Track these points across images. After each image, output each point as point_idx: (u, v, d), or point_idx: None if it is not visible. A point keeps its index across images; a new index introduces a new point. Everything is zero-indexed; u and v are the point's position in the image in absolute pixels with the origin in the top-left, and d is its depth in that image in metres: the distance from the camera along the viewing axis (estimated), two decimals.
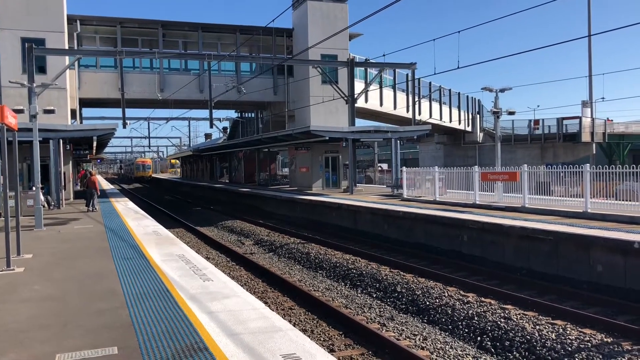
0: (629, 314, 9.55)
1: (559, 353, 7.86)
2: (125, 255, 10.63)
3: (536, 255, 13.05)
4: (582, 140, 45.33)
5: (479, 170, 19.20)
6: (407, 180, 23.10)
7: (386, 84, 38.14)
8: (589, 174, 14.69)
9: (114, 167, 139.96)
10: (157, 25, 33.55)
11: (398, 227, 18.59)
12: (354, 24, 16.41)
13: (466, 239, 15.43)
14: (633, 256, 10.71)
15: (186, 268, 9.16)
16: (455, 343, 8.70)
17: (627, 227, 12.43)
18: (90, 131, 25.29)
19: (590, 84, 49.08)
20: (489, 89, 23.85)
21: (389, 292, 11.79)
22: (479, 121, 51.02)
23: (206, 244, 20.12)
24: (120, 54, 26.65)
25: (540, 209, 16.02)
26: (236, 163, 48.66)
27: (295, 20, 35.47)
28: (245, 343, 5.13)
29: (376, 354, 8.02)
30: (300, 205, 26.41)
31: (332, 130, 27.35)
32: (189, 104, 38.69)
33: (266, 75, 34.62)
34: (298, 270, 14.91)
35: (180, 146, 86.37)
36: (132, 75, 32.14)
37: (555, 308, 9.71)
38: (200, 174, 64.25)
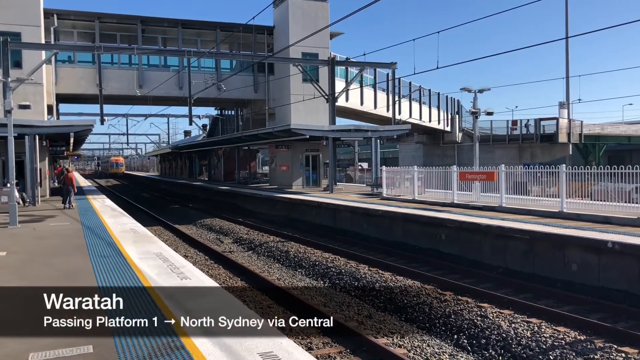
0: (601, 312, 9.74)
1: (533, 351, 7.98)
2: (102, 253, 10.52)
3: (513, 254, 13.22)
4: (559, 141, 46.00)
5: (457, 169, 19.37)
6: (386, 179, 23.21)
7: (367, 83, 38.23)
8: (565, 175, 14.92)
9: (92, 164, 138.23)
10: (136, 21, 33.14)
11: (377, 226, 18.67)
12: (334, 22, 16.47)
13: (444, 238, 15.57)
14: (606, 255, 10.92)
15: (164, 266, 9.10)
16: (432, 341, 8.79)
17: (602, 227, 12.66)
18: (67, 127, 24.91)
19: (567, 86, 49.77)
20: (467, 90, 24.10)
21: (368, 290, 11.84)
22: (458, 121, 51.42)
23: (184, 242, 19.99)
24: (99, 49, 26.30)
25: (517, 208, 16.22)
26: (216, 161, 48.36)
27: (276, 17, 35.36)
28: (222, 341, 5.12)
29: (354, 352, 8.06)
30: (280, 204, 26.36)
31: (313, 129, 27.35)
32: (168, 101, 38.31)
33: (246, 72, 34.45)
34: (277, 269, 14.90)
35: (159, 143, 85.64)
36: (110, 71, 31.70)
37: (530, 306, 9.85)
38: (179, 172, 63.76)
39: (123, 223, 16.05)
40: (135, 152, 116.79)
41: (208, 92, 31.94)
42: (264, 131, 29.78)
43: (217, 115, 48.74)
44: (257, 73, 35.25)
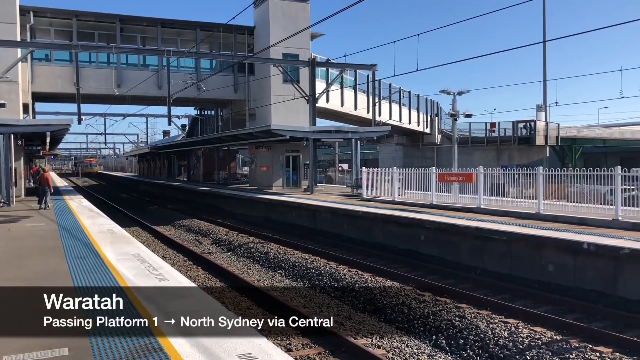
0: (577, 312, 9.89)
1: (510, 351, 8.07)
2: (78, 254, 10.37)
3: (490, 255, 13.35)
4: (537, 143, 46.63)
5: (437, 171, 19.51)
6: (366, 180, 23.28)
7: (347, 85, 38.32)
8: (542, 176, 15.12)
9: (69, 164, 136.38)
10: (115, 20, 32.78)
11: (357, 227, 18.71)
12: (315, 23, 16.47)
13: (423, 239, 15.66)
14: (582, 256, 11.08)
15: (142, 267, 9.00)
16: (411, 341, 8.83)
17: (578, 228, 12.85)
18: (44, 126, 24.52)
19: (545, 89, 50.46)
20: (447, 92, 24.31)
21: (347, 291, 11.85)
22: (437, 123, 51.80)
23: (163, 243, 19.80)
24: (76, 47, 25.94)
25: (495, 209, 16.39)
26: (195, 161, 48.05)
27: (256, 18, 35.26)
28: (201, 343, 5.08)
29: (333, 353, 8.07)
30: (259, 205, 26.28)
31: (293, 130, 27.31)
32: (146, 100, 37.95)
33: (226, 72, 34.29)
34: (257, 270, 14.85)
35: (138, 143, 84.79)
36: (88, 69, 31.29)
37: (508, 307, 9.96)
38: (158, 172, 63.20)
39: (100, 224, 15.85)
40: (114, 152, 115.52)
41: (187, 92, 31.72)
42: (244, 132, 29.66)
43: (197, 115, 48.42)
44: (237, 73, 35.11)
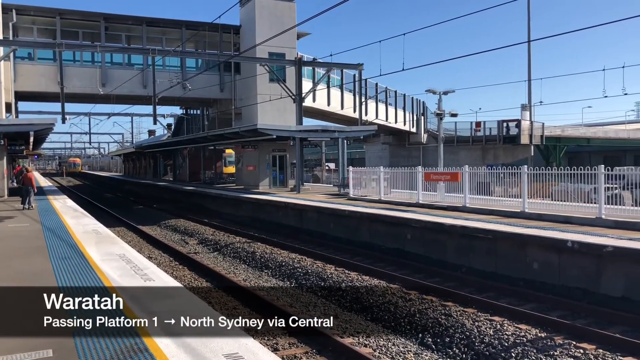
0: (561, 309, 9.98)
1: (496, 348, 8.13)
2: (63, 255, 10.27)
3: (476, 253, 13.44)
4: (521, 143, 46.99)
5: (422, 170, 19.59)
6: (353, 179, 23.31)
7: (334, 84, 38.35)
8: (527, 175, 15.25)
9: (53, 164, 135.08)
10: (99, 18, 32.51)
11: (344, 226, 18.74)
12: (302, 22, 16.48)
13: (410, 238, 15.72)
14: (566, 254, 11.20)
15: (127, 268, 8.94)
16: (397, 340, 8.86)
17: (562, 227, 12.97)
18: (27, 126, 24.24)
19: (530, 88, 50.79)
20: (432, 91, 24.42)
21: (334, 290, 11.86)
22: (423, 122, 52.01)
23: (148, 243, 19.67)
24: (60, 46, 25.68)
25: (481, 208, 16.50)
26: (181, 161, 47.77)
27: (242, 17, 35.16)
28: (187, 343, 5.06)
29: (320, 352, 8.07)
30: (246, 204, 26.21)
31: (280, 129, 27.27)
32: (132, 100, 37.70)
33: (212, 71, 34.16)
34: (243, 270, 14.80)
35: (123, 143, 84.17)
36: (72, 68, 31.00)
37: (493, 304, 10.03)
38: (143, 172, 62.76)
39: (85, 224, 15.71)
40: (98, 152, 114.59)
41: (173, 91, 31.54)
42: (230, 131, 29.55)
43: (182, 114, 48.17)
44: (223, 72, 34.99)
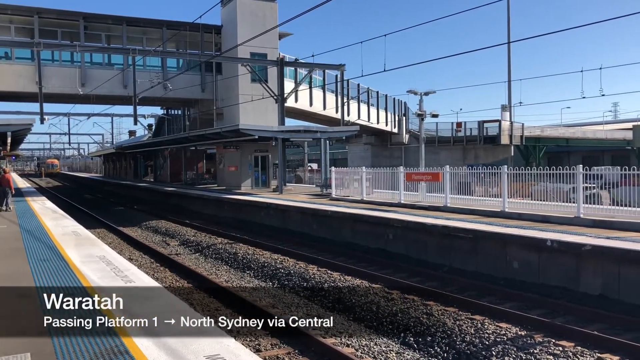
0: (541, 308, 10.10)
1: (477, 347, 8.20)
2: (41, 257, 10.12)
3: (457, 252, 13.54)
4: (502, 143, 47.48)
5: (404, 170, 19.69)
6: (335, 180, 23.34)
7: (316, 85, 38.36)
8: (507, 175, 15.40)
9: (31, 165, 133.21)
10: (79, 17, 32.09)
11: (326, 226, 18.75)
12: (283, 22, 16.45)
13: (391, 237, 15.79)
14: (546, 253, 11.33)
15: (107, 270, 8.84)
16: (379, 339, 8.89)
17: (541, 226, 13.13)
18: (4, 126, 23.81)
19: (510, 89, 51.24)
20: (414, 92, 24.56)
21: (316, 291, 11.87)
22: (404, 123, 52.26)
23: (129, 244, 19.49)
24: (38, 45, 25.37)
25: (462, 208, 16.63)
26: (162, 161, 47.39)
27: (224, 17, 35.00)
28: (168, 345, 5.02)
29: (302, 352, 8.07)
30: (228, 205, 26.10)
31: (262, 129, 27.18)
32: (112, 100, 37.31)
33: (194, 71, 33.94)
34: (225, 271, 14.73)
35: (103, 143, 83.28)
36: (50, 68, 30.58)
37: (474, 303, 10.12)
38: (124, 173, 62.16)
39: (64, 225, 15.50)
40: (78, 153, 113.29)
41: (154, 91, 31.27)
42: (212, 131, 29.40)
43: (163, 115, 47.78)
44: (205, 72, 34.80)
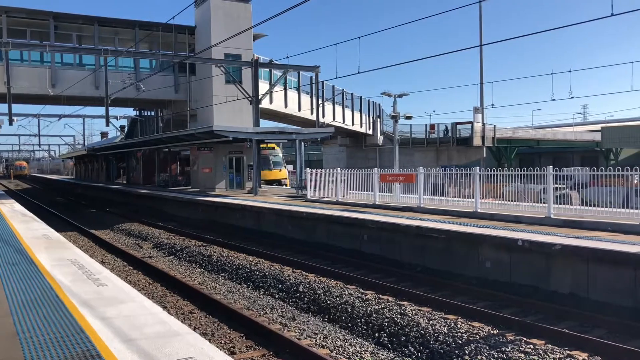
0: (512, 306, 10.27)
1: (450, 346, 8.30)
2: (10, 261, 9.92)
3: (430, 252, 13.68)
4: (474, 144, 48.16)
5: (379, 172, 19.82)
6: (311, 181, 23.36)
7: (291, 86, 38.35)
8: (479, 176, 15.61)
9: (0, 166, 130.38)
10: (49, 17, 31.53)
11: (302, 228, 18.75)
12: (258, 24, 16.44)
13: (366, 238, 15.87)
14: (517, 253, 11.52)
15: (79, 273, 8.71)
16: (354, 340, 8.94)
17: (513, 226, 13.34)
18: None
19: (482, 91, 52.10)
20: (388, 94, 24.67)
21: (292, 293, 11.87)
22: (379, 125, 52.63)
23: (101, 247, 19.23)
24: (6, 45, 24.84)
25: (435, 209, 16.80)
26: (134, 163, 46.83)
27: (197, 17, 34.77)
28: (141, 348, 4.97)
29: (277, 354, 8.06)
30: (202, 207, 25.92)
31: (236, 131, 27.04)
32: (83, 101, 36.76)
33: (167, 72, 33.64)
34: (199, 274, 14.64)
35: (74, 145, 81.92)
36: (19, 68, 29.98)
37: (447, 303, 10.24)
38: (96, 175, 61.27)
39: (34, 229, 15.21)
40: (48, 154, 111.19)
41: (126, 92, 30.89)
42: (186, 132, 29.17)
43: (136, 116, 47.29)
44: (178, 73, 34.52)
